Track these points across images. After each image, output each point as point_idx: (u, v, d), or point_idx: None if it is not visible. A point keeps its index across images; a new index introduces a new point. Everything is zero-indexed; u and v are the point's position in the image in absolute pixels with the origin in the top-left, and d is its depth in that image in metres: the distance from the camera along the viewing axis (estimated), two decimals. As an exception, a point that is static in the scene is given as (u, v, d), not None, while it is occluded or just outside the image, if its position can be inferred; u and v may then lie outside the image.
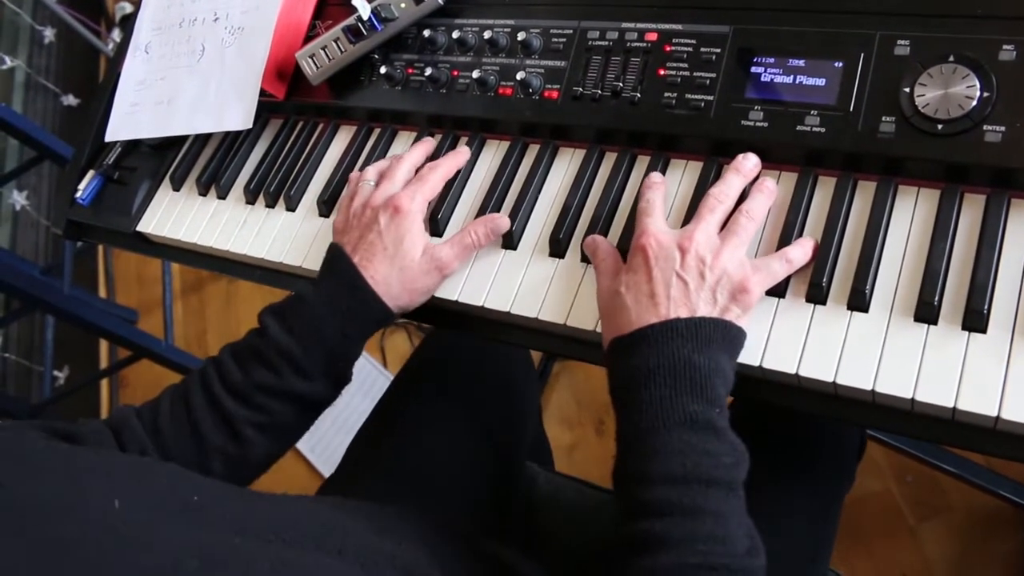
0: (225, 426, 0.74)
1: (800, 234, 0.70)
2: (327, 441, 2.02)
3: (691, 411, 0.60)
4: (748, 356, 0.67)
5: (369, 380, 2.04)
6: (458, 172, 0.86)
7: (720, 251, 0.67)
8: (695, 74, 0.77)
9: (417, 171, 0.85)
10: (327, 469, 1.98)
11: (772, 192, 0.72)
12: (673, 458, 0.59)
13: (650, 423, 0.60)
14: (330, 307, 0.75)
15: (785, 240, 0.70)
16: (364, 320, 0.77)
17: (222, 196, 0.99)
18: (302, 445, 2.02)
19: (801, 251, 0.68)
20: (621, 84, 0.80)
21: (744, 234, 0.69)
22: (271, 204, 0.95)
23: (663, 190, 0.75)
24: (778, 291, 0.69)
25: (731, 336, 0.65)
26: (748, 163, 0.73)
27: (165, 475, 0.58)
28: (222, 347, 0.78)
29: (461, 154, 0.86)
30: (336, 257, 0.78)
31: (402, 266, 0.77)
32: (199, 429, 0.73)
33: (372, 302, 0.76)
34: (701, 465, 0.58)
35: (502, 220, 0.80)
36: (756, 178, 0.74)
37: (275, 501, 0.61)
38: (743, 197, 0.72)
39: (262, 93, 0.96)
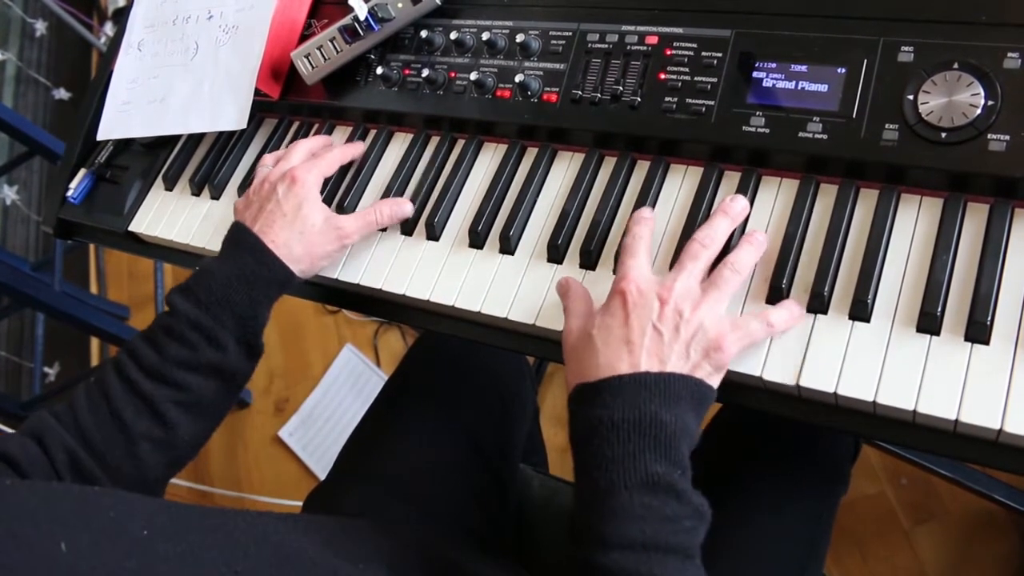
0: (147, 409, 0.74)
1: (801, 243, 0.70)
2: (319, 440, 2.01)
3: (653, 472, 0.58)
4: (749, 366, 0.66)
5: (362, 380, 2.03)
6: (454, 176, 0.85)
7: (699, 304, 0.65)
8: (696, 78, 0.76)
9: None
10: (320, 468, 1.97)
11: (762, 244, 0.69)
12: (632, 523, 0.56)
13: (610, 482, 0.58)
14: (235, 274, 0.77)
15: (785, 252, 0.69)
16: (269, 283, 0.79)
17: (215, 196, 0.98)
18: (294, 444, 2.01)
19: (786, 314, 0.66)
20: (621, 88, 0.79)
21: (727, 288, 0.66)
22: (265, 205, 0.94)
23: (652, 226, 0.73)
24: (778, 302, 0.68)
25: (700, 395, 0.63)
26: (737, 206, 0.71)
27: (111, 508, 0.55)
28: (133, 335, 0.79)
29: (357, 146, 0.91)
30: (237, 230, 0.81)
31: (302, 230, 0.80)
32: (121, 417, 0.73)
33: (274, 265, 0.79)
34: (661, 532, 0.56)
35: (406, 205, 0.85)
36: (746, 224, 0.72)
37: (229, 529, 0.59)
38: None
39: (256, 92, 0.95)
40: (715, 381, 0.65)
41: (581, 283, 0.73)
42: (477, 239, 0.81)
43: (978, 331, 0.61)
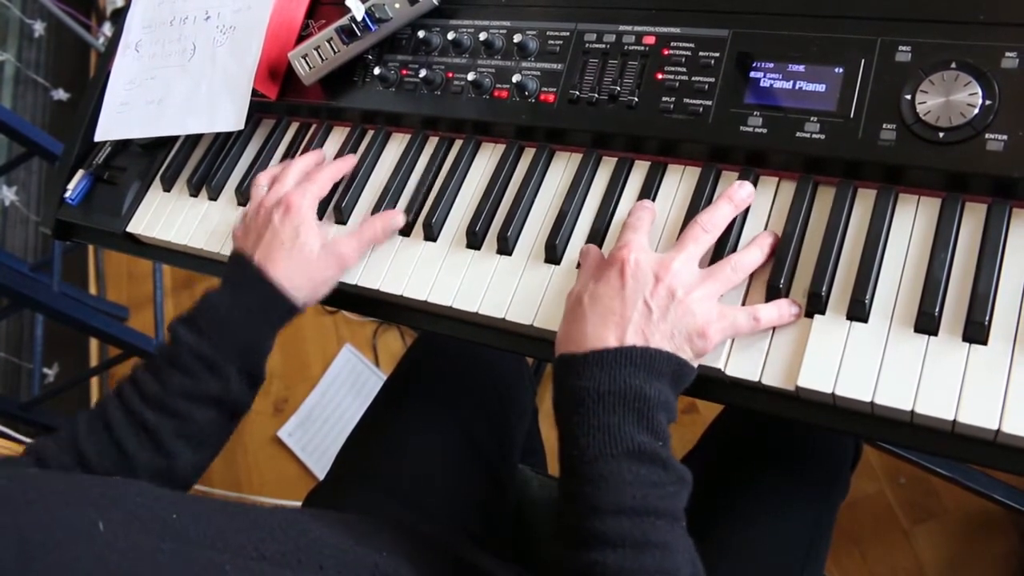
0: (149, 440, 0.74)
1: (799, 243, 0.69)
2: (318, 441, 2.00)
3: (639, 441, 0.59)
4: (747, 368, 0.66)
5: (361, 380, 2.03)
6: (452, 177, 0.85)
7: (692, 290, 0.65)
8: (693, 78, 0.76)
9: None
10: (319, 468, 1.97)
11: (768, 251, 0.70)
12: (624, 488, 0.58)
13: (598, 450, 0.59)
14: (236, 305, 0.77)
15: (783, 252, 0.69)
16: (270, 312, 0.78)
17: (213, 197, 0.98)
18: (294, 444, 2.01)
19: (776, 312, 0.66)
20: (618, 88, 0.79)
21: (724, 283, 0.67)
22: (263, 206, 0.94)
23: (653, 216, 0.73)
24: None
25: (681, 374, 0.64)
26: (743, 192, 0.71)
27: (137, 494, 0.56)
28: (134, 366, 0.78)
29: (348, 160, 0.90)
30: (237, 259, 0.81)
31: (301, 258, 0.80)
32: (123, 447, 0.73)
33: (276, 296, 0.78)
34: (650, 497, 0.58)
35: (398, 216, 0.84)
36: (744, 222, 0.72)
37: (252, 516, 0.61)
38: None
39: (254, 93, 0.95)
40: (694, 365, 0.65)
41: (600, 251, 0.74)
42: (475, 240, 0.81)
43: (976, 331, 0.61)
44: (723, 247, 0.71)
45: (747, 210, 0.73)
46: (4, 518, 0.48)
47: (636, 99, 0.78)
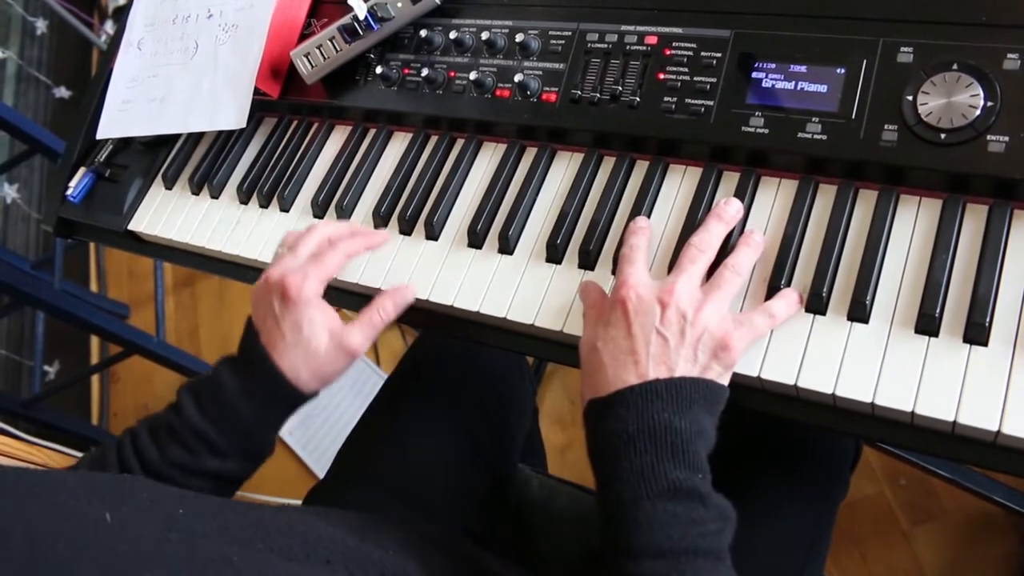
0: None
1: (800, 243, 0.70)
2: (319, 439, 2.01)
3: (674, 478, 0.58)
4: (747, 366, 0.66)
5: (362, 379, 2.03)
6: (453, 176, 0.85)
7: (702, 306, 0.64)
8: (695, 79, 0.76)
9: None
10: (319, 467, 1.97)
11: (759, 245, 0.70)
12: (659, 530, 0.57)
13: (633, 494, 0.58)
14: (244, 389, 0.74)
15: (784, 252, 0.69)
16: (277, 402, 0.76)
17: (215, 196, 0.98)
18: (294, 443, 2.01)
19: (785, 304, 0.66)
20: (620, 88, 0.79)
21: (728, 288, 0.67)
22: (264, 204, 0.94)
23: (648, 235, 0.73)
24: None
25: (712, 396, 0.63)
26: (731, 209, 0.71)
27: (144, 490, 0.57)
28: (140, 420, 0.77)
29: (378, 235, 0.83)
30: (249, 338, 0.76)
31: (306, 354, 0.75)
32: None
33: (282, 385, 0.74)
34: (688, 535, 0.57)
35: (409, 291, 0.80)
36: (744, 224, 0.72)
37: (258, 511, 0.61)
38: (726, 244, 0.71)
39: (256, 92, 0.95)
40: (725, 380, 0.65)
41: (599, 287, 0.72)
42: (476, 239, 0.81)
43: (976, 332, 0.61)
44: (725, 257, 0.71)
45: (748, 212, 0.73)
46: (13, 507, 0.48)
47: (638, 99, 0.78)
